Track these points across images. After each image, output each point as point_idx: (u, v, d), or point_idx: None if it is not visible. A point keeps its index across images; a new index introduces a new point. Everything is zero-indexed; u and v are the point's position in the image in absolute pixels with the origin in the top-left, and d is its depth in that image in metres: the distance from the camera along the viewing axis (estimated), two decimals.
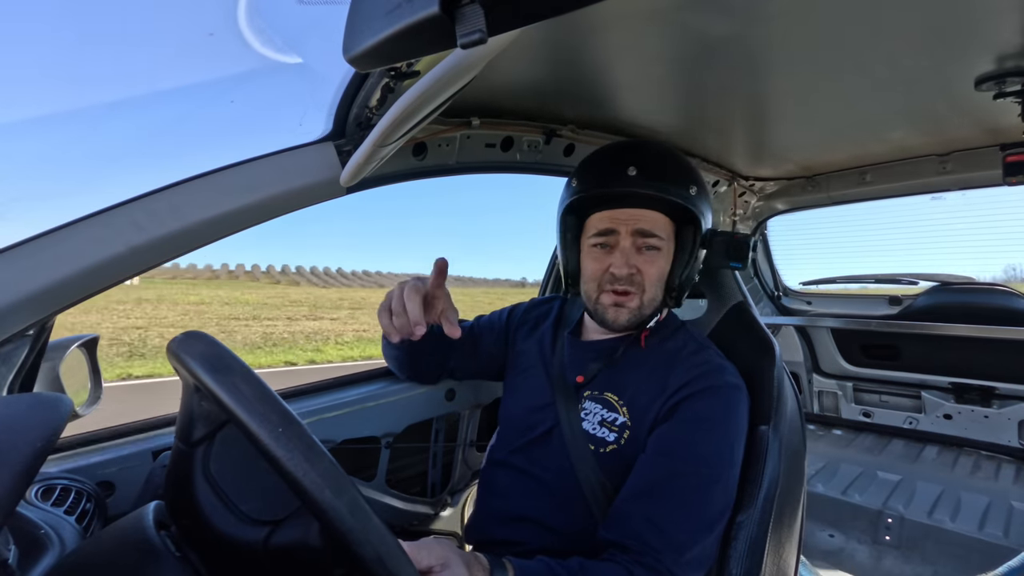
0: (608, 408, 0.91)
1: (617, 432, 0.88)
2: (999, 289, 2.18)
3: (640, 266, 0.90)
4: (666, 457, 0.82)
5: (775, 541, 0.89)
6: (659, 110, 1.26)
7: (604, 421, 0.90)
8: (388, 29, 0.31)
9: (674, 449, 0.82)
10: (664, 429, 0.84)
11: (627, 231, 0.90)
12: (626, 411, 0.89)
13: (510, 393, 1.10)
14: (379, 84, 0.64)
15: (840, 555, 1.80)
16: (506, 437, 1.03)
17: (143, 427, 1.05)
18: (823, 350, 2.59)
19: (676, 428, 0.84)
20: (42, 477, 0.80)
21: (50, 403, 0.48)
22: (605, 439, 0.88)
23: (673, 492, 0.79)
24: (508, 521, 0.93)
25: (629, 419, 0.88)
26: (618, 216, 0.91)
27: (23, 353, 0.71)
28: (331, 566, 0.56)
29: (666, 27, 0.83)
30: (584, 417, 0.92)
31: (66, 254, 0.62)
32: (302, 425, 0.48)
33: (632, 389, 0.91)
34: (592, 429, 0.90)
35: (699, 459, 0.81)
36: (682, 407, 0.85)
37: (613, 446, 0.87)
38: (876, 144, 1.63)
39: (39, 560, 0.60)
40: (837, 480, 2.07)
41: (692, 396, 0.85)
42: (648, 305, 0.92)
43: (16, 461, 0.40)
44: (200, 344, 0.53)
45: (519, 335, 1.14)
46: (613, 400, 0.91)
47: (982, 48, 0.91)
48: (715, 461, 0.82)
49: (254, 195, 0.73)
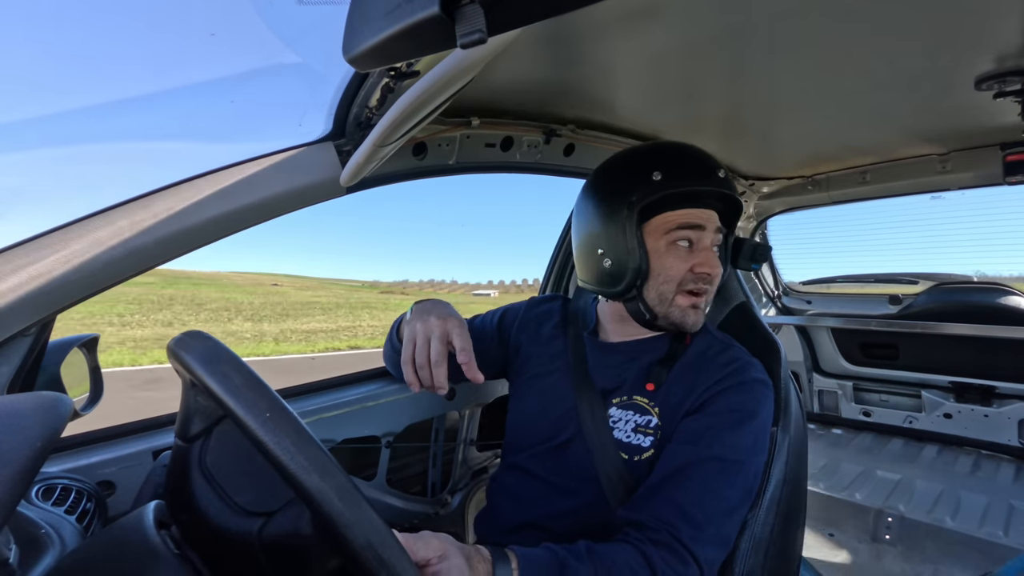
0: (640, 412, 0.88)
1: (653, 434, 0.86)
2: (999, 288, 2.18)
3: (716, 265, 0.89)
4: (691, 445, 0.81)
5: (779, 541, 0.89)
6: (659, 110, 1.26)
7: (639, 427, 0.87)
8: (388, 29, 0.32)
9: (700, 437, 0.81)
10: (692, 420, 0.84)
11: (713, 228, 0.89)
12: (657, 411, 0.87)
13: (520, 398, 1.05)
14: (379, 84, 0.64)
15: (840, 554, 1.80)
16: (519, 444, 1.00)
17: (143, 427, 1.05)
18: (823, 349, 2.59)
19: (704, 419, 0.83)
20: (42, 477, 0.80)
21: (50, 403, 0.48)
22: (641, 445, 0.86)
23: (696, 476, 0.78)
24: (520, 528, 0.91)
25: (660, 419, 0.86)
26: (698, 219, 0.88)
27: (23, 352, 0.71)
28: (324, 556, 0.56)
29: (666, 27, 0.83)
30: (614, 425, 0.89)
31: (66, 254, 0.62)
32: (291, 412, 0.49)
33: (664, 389, 0.89)
34: (626, 437, 0.87)
35: (725, 446, 0.79)
36: (711, 401, 0.84)
37: (649, 451, 0.85)
38: (876, 144, 1.64)
39: (39, 560, 0.60)
40: (837, 479, 2.08)
41: (722, 392, 0.84)
42: (709, 304, 0.92)
43: (16, 461, 0.40)
44: (196, 341, 0.54)
45: (523, 337, 1.09)
46: (644, 403, 0.89)
47: (982, 47, 0.91)
48: (741, 448, 0.80)
49: (254, 195, 0.73)
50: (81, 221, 0.64)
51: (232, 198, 0.72)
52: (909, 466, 2.14)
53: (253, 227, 0.78)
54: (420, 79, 0.53)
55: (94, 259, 0.64)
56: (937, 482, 1.98)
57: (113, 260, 0.65)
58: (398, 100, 0.57)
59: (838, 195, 2.04)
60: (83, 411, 0.91)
